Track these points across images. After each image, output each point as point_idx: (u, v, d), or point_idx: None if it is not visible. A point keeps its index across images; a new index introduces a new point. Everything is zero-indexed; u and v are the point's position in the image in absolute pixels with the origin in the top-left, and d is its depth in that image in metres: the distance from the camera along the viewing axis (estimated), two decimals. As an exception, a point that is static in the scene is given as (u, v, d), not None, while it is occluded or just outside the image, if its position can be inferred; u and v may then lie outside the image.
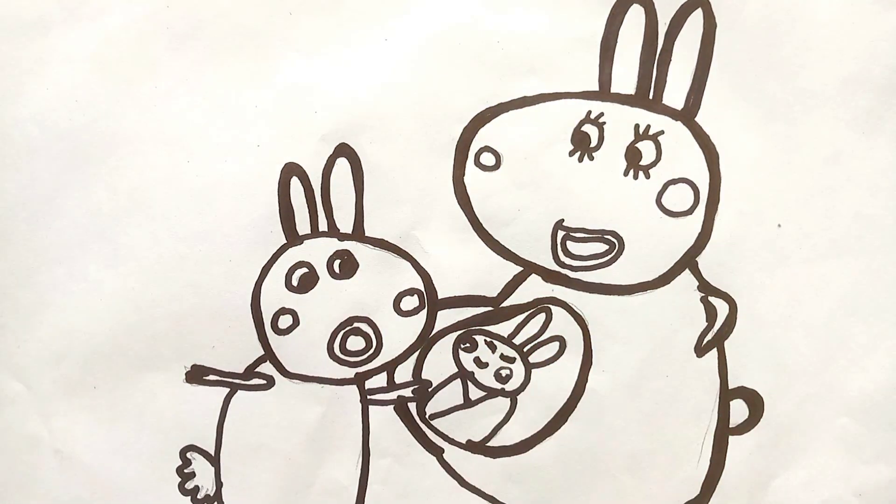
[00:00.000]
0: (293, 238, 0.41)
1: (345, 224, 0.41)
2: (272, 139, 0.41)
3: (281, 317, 0.42)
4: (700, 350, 0.42)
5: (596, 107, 0.41)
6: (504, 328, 0.42)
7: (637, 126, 0.41)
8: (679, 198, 0.41)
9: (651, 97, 0.41)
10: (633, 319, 0.41)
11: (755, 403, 0.42)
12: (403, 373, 0.42)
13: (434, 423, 0.42)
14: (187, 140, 0.41)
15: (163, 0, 0.40)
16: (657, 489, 0.42)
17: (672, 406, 0.42)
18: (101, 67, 0.40)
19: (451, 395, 0.42)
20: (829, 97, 0.40)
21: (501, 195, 0.41)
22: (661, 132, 0.41)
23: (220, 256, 0.41)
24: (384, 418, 0.42)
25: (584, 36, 0.40)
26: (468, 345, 0.42)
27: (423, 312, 0.42)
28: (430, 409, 0.42)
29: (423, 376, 0.42)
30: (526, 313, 0.42)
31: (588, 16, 0.40)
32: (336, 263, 0.42)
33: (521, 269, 0.42)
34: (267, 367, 0.42)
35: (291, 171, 0.41)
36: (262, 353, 0.42)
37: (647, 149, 0.41)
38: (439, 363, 0.42)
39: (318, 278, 0.42)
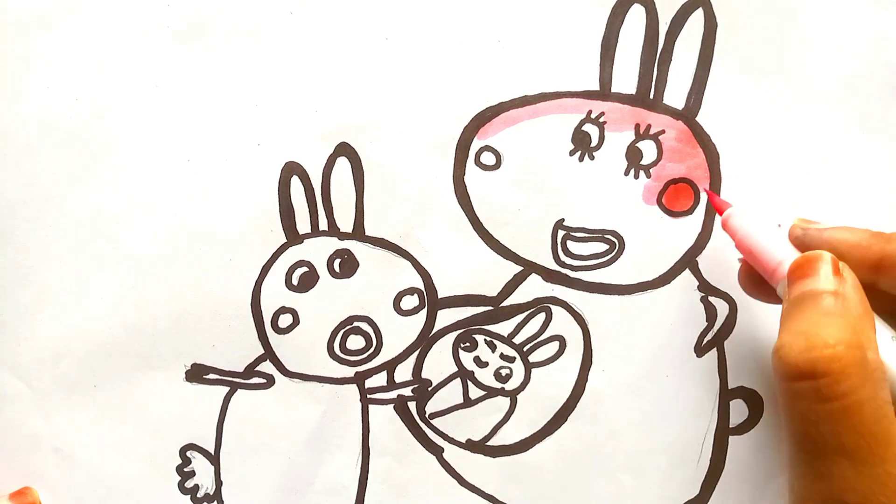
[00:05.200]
0: (293, 237, 0.41)
1: (345, 223, 0.41)
2: (272, 139, 0.41)
3: (281, 316, 0.42)
4: (700, 350, 0.42)
5: (596, 106, 0.41)
6: (504, 328, 0.42)
7: (637, 126, 0.41)
8: (679, 198, 0.41)
9: (652, 97, 0.41)
10: (633, 319, 0.41)
11: (755, 403, 0.42)
12: (403, 372, 0.42)
13: (434, 422, 0.42)
14: (187, 140, 0.41)
15: (163, -1, 0.40)
16: (657, 489, 0.42)
17: (672, 406, 0.42)
18: (101, 67, 0.40)
19: (451, 394, 0.42)
20: (829, 97, 0.40)
21: (502, 195, 0.41)
22: (662, 132, 0.41)
23: (220, 256, 0.41)
24: (384, 417, 0.42)
25: (585, 35, 0.40)
26: (468, 344, 0.42)
27: (423, 312, 0.42)
28: (430, 408, 0.42)
29: (423, 375, 0.42)
30: (526, 313, 0.42)
31: (588, 15, 0.40)
32: (336, 262, 0.42)
33: (521, 268, 0.42)
34: (267, 366, 0.42)
35: (292, 170, 0.41)
36: (262, 351, 0.42)
37: (647, 148, 0.41)
38: (439, 362, 0.42)
39: (319, 277, 0.42)
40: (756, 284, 0.38)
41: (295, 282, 0.42)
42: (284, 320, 0.42)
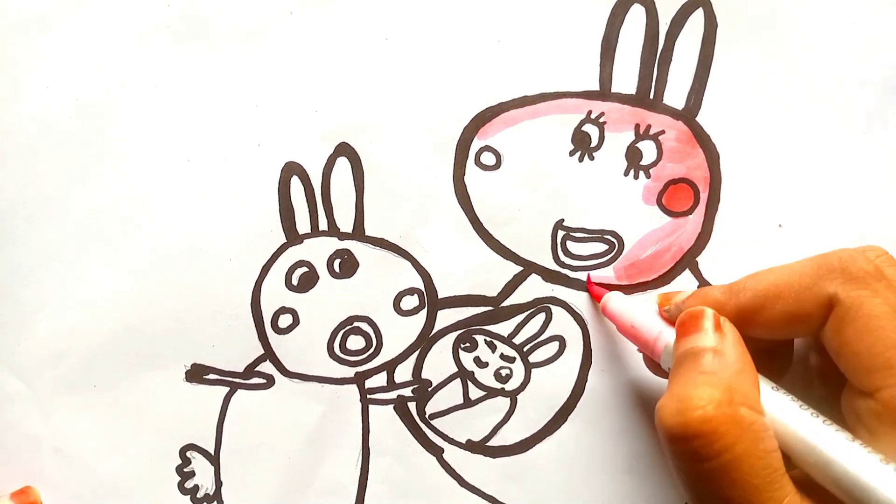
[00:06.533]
0: (293, 237, 0.41)
1: (345, 223, 0.41)
2: (272, 139, 0.41)
3: (281, 316, 0.42)
4: (700, 350, 0.42)
5: (596, 106, 0.41)
6: (504, 328, 0.42)
7: (637, 126, 0.41)
8: (679, 198, 0.41)
9: (652, 97, 0.41)
10: (633, 319, 0.41)
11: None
12: (403, 372, 0.42)
13: (434, 422, 0.42)
14: (187, 140, 0.41)
15: (163, -1, 0.40)
16: (657, 489, 0.42)
17: (672, 406, 0.42)
18: (101, 67, 0.40)
19: (451, 394, 0.42)
20: (829, 97, 0.40)
21: (501, 195, 0.41)
22: (662, 132, 0.41)
23: (220, 256, 0.41)
24: (384, 418, 0.42)
25: (585, 35, 0.40)
26: (468, 344, 0.42)
27: (423, 312, 0.42)
28: (430, 408, 0.42)
29: (423, 376, 0.42)
30: (526, 313, 0.42)
31: (589, 15, 0.40)
32: (336, 263, 0.42)
33: (521, 268, 0.42)
34: (267, 367, 0.42)
35: (292, 170, 0.41)
36: (262, 352, 0.42)
37: (647, 149, 0.41)
38: (439, 363, 0.42)
39: (319, 277, 0.42)
40: (656, 366, 0.39)
41: (295, 282, 0.42)
42: (284, 320, 0.42)
